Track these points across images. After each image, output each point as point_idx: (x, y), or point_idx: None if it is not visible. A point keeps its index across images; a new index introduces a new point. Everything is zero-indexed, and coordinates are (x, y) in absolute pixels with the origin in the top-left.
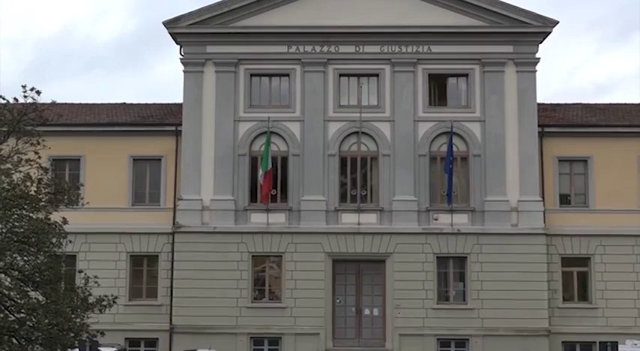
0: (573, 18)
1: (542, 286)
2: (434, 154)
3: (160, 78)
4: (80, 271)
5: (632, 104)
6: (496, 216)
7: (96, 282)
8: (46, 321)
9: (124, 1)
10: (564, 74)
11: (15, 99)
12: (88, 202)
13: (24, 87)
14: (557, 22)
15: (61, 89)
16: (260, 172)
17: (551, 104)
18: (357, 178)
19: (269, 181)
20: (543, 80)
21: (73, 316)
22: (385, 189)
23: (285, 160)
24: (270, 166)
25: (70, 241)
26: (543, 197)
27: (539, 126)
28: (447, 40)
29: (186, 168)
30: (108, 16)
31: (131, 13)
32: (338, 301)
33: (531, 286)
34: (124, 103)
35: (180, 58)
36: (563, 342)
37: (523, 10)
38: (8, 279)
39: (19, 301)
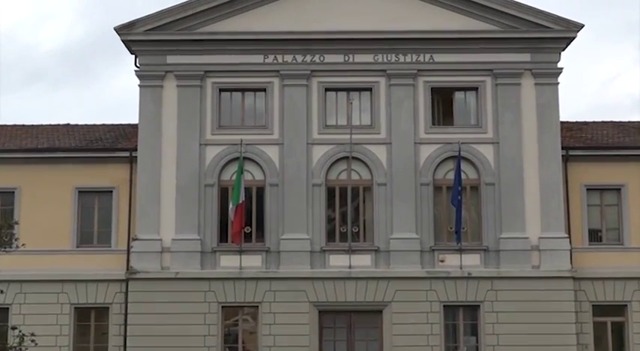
0: (608, 21)
1: (570, 340)
2: (439, 182)
3: (113, 94)
4: (14, 328)
5: None
6: (514, 256)
7: (33, 340)
8: None
9: (71, 2)
10: (596, 87)
11: None
12: (23, 244)
13: None
14: (582, 26)
15: None
16: (231, 205)
17: (576, 122)
18: (347, 213)
19: (241, 217)
20: (569, 94)
21: None
22: (381, 225)
23: (261, 191)
24: (242, 198)
25: (2, 292)
26: (569, 233)
27: (563, 148)
28: (453, 47)
29: (142, 202)
30: (51, 20)
31: (79, 17)
32: None
33: (557, 340)
34: (69, 125)
35: (136, 71)
36: None
37: (542, 12)
38: None
39: None
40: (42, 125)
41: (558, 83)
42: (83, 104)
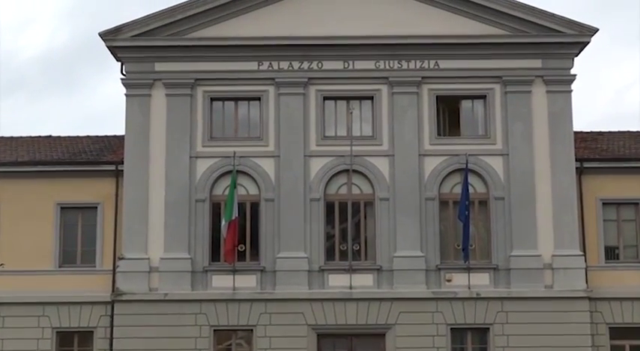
0: (624, 24)
1: None
2: (445, 197)
3: (98, 104)
4: None
5: None
6: (525, 275)
7: None
8: None
9: (54, 6)
10: (612, 95)
11: None
12: (2, 265)
13: None
14: (596, 30)
15: None
16: (223, 222)
17: (591, 133)
18: (347, 229)
19: (234, 234)
20: (583, 103)
21: None
22: (384, 242)
23: (255, 206)
24: (236, 214)
25: None
26: (585, 251)
27: (576, 160)
28: (459, 53)
29: (128, 218)
30: (32, 25)
31: (62, 22)
32: None
33: None
34: (51, 137)
35: (122, 79)
36: None
37: (553, 15)
38: None
39: None
40: (22, 137)
41: (571, 91)
42: (66, 115)
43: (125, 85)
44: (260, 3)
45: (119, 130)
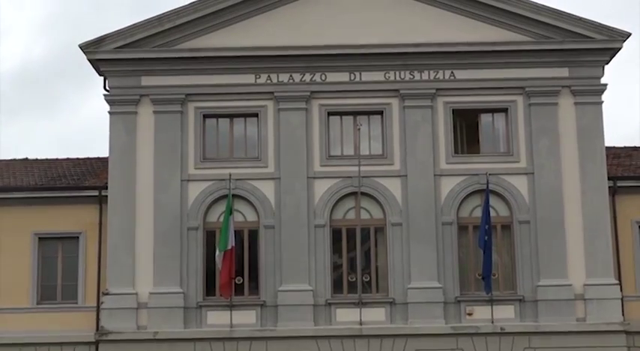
0: None
1: None
2: (464, 221)
3: (79, 123)
4: None
5: None
6: (554, 307)
7: None
8: None
9: (29, 15)
10: None
11: None
12: None
13: None
14: (629, 35)
15: None
16: (217, 252)
17: (625, 148)
18: (356, 258)
19: (231, 265)
20: (615, 115)
21: None
22: (397, 273)
23: (254, 234)
24: (232, 243)
25: None
26: (620, 279)
27: (609, 179)
28: (478, 62)
29: (114, 249)
30: (6, 37)
31: (39, 33)
32: None
33: None
34: (27, 160)
35: (105, 95)
36: None
37: (581, 19)
38: None
39: None
40: None
41: (602, 102)
42: (44, 135)
43: (108, 101)
44: (257, 10)
45: (102, 151)
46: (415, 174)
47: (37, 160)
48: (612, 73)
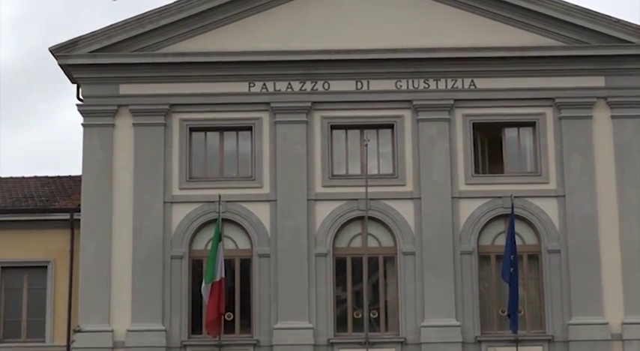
0: None
1: None
2: (485, 250)
3: (49, 137)
4: None
5: None
6: (588, 349)
7: None
8: None
9: None
10: None
11: None
12: None
13: None
14: None
15: None
16: (204, 284)
17: None
18: (362, 292)
19: (219, 299)
20: None
21: None
22: (409, 308)
23: (246, 264)
24: (221, 274)
25: None
26: None
27: None
28: (501, 69)
29: (87, 281)
30: None
31: (6, 34)
32: None
33: None
34: None
35: (78, 105)
36: None
37: (619, 21)
38: None
39: None
40: None
41: None
42: (9, 150)
43: (82, 112)
44: (250, 10)
45: (75, 169)
46: (430, 196)
47: (0, 178)
48: None
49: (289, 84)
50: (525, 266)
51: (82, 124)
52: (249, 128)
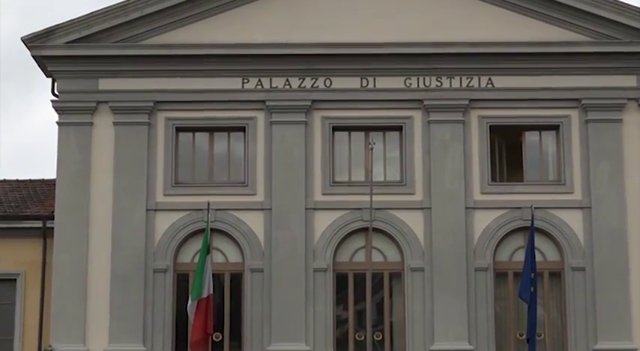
0: None
1: None
2: (502, 266)
3: (21, 136)
4: None
5: None
6: None
7: None
8: None
9: None
10: None
11: None
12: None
13: None
14: None
15: None
16: (190, 301)
17: None
18: (365, 311)
19: (206, 318)
20: None
21: None
22: (417, 330)
23: (237, 279)
24: (209, 290)
25: None
26: None
27: None
28: (522, 67)
29: (60, 295)
30: None
31: None
32: None
33: None
34: None
35: (53, 101)
36: None
37: None
38: None
39: None
40: None
41: None
42: None
43: (57, 109)
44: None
45: (49, 172)
46: (441, 206)
47: None
48: None
49: (287, 80)
50: (546, 285)
51: (57, 123)
52: (242, 129)
